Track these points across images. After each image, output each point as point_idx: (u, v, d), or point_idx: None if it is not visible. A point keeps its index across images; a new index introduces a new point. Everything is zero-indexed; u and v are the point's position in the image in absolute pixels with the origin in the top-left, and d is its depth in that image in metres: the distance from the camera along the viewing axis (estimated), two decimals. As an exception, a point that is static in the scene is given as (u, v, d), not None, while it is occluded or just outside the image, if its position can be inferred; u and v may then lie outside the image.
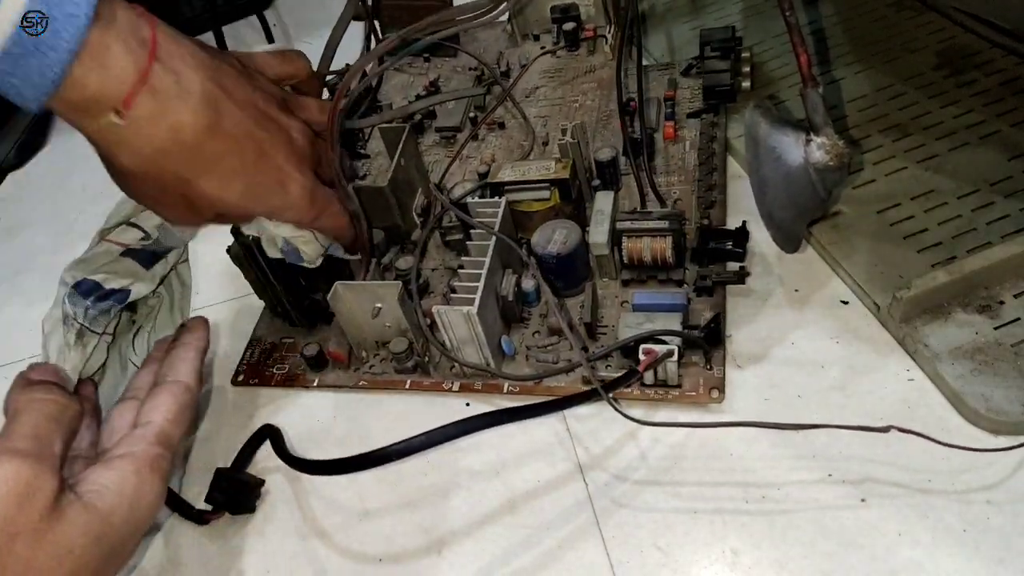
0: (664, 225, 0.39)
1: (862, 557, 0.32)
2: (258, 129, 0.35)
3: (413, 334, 0.41)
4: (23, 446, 0.30)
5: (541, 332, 0.41)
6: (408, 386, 0.42)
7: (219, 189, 0.35)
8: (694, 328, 0.38)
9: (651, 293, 0.40)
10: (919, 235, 0.41)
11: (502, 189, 0.44)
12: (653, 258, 0.40)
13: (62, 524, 0.29)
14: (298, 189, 0.37)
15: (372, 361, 0.43)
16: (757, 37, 0.56)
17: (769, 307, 0.41)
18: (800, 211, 0.38)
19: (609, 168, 0.45)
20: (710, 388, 0.37)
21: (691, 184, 0.46)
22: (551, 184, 0.43)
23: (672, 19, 0.60)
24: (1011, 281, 0.38)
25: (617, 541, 0.34)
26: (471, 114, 0.55)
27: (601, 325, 0.41)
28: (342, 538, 0.37)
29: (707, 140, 0.48)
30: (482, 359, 0.39)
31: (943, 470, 0.33)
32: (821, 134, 0.35)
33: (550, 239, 0.41)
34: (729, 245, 0.40)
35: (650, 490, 0.35)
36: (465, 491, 0.37)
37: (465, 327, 0.37)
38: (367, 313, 0.40)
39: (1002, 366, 0.35)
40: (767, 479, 0.34)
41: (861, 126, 0.47)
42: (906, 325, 0.37)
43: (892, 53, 0.51)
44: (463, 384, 0.41)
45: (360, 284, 0.40)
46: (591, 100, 0.54)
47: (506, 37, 0.61)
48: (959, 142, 0.45)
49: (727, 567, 0.32)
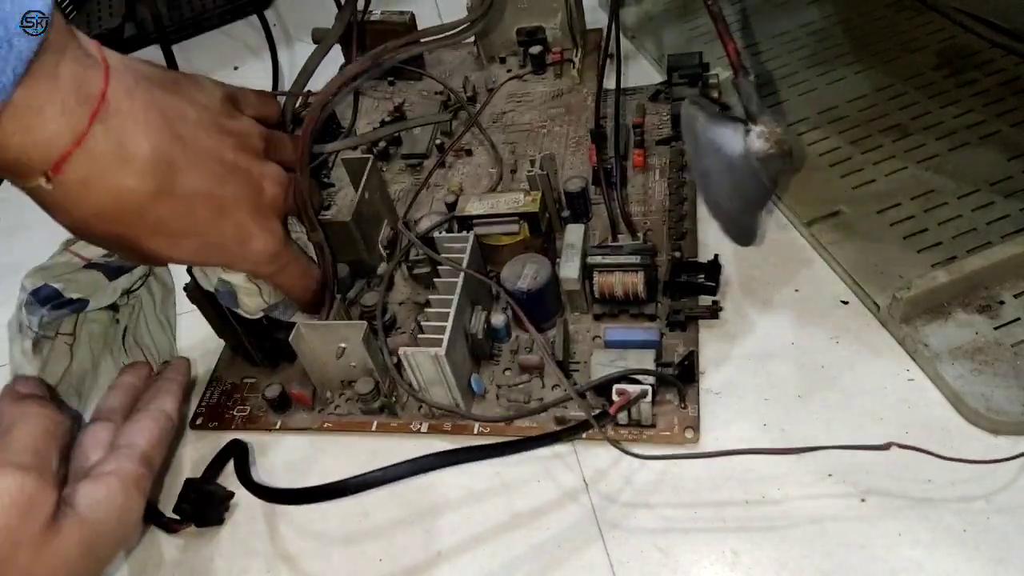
0: (635, 260, 0.38)
1: (862, 557, 0.32)
2: (219, 186, 0.33)
3: (379, 374, 0.40)
4: (25, 460, 0.31)
5: (512, 369, 0.40)
6: (375, 428, 0.40)
7: (168, 248, 0.33)
8: (667, 365, 0.37)
9: (623, 329, 0.39)
10: (919, 235, 0.41)
11: (470, 223, 0.42)
12: (625, 293, 0.39)
13: (59, 536, 0.30)
14: (260, 246, 0.35)
15: (337, 401, 0.41)
16: (752, 38, 0.56)
17: (767, 308, 0.41)
18: (747, 202, 0.38)
19: (579, 199, 0.45)
20: (685, 427, 0.36)
21: (662, 214, 0.45)
22: (520, 218, 0.42)
23: (666, 21, 0.60)
24: (1011, 281, 0.38)
25: (617, 541, 0.34)
26: (438, 140, 0.54)
27: (573, 361, 0.40)
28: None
29: (676, 169, 0.47)
30: (451, 400, 0.38)
31: (943, 470, 0.33)
32: (759, 122, 0.35)
33: (520, 274, 0.39)
34: (701, 278, 0.40)
35: (650, 490, 0.35)
36: (456, 509, 0.37)
37: (433, 369, 0.36)
38: (331, 353, 0.39)
39: (1002, 366, 0.35)
40: (767, 479, 0.34)
41: (861, 126, 0.47)
42: (906, 325, 0.37)
43: (892, 53, 0.51)
44: (432, 425, 0.39)
45: (324, 324, 0.39)
46: (559, 126, 0.53)
47: (472, 60, 0.60)
48: (959, 142, 0.45)
49: (727, 567, 0.32)
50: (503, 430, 0.39)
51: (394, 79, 0.61)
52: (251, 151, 0.35)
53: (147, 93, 0.31)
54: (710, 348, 0.40)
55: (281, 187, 0.37)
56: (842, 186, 0.44)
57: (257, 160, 0.36)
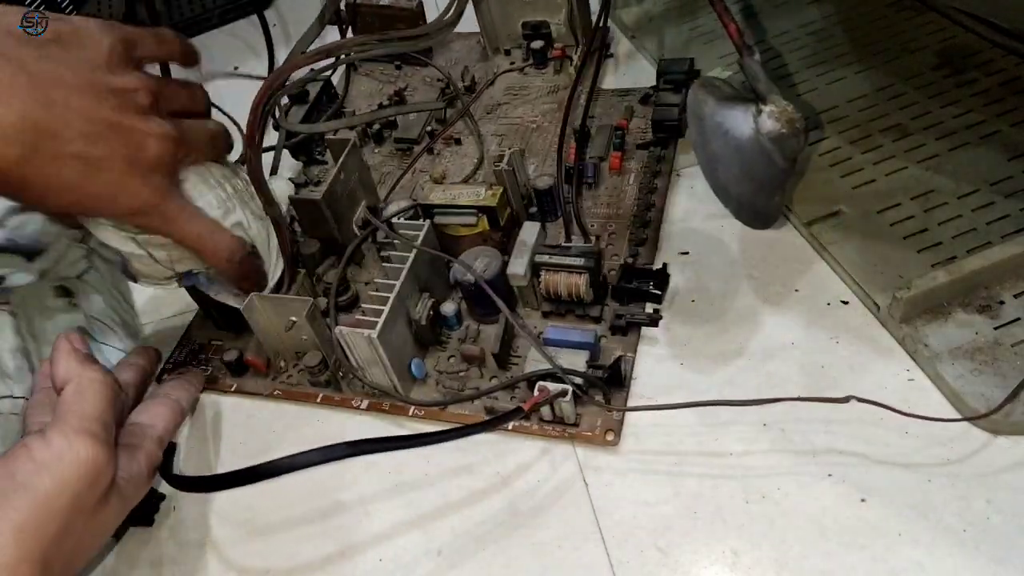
0: (580, 262, 0.39)
1: (862, 557, 0.32)
2: (90, 146, 0.33)
3: (325, 350, 0.41)
4: (97, 430, 0.32)
5: (456, 358, 0.41)
6: (320, 400, 0.42)
7: (42, 200, 0.34)
8: (600, 367, 0.38)
9: (563, 328, 0.39)
10: (919, 235, 0.41)
11: (432, 211, 0.44)
12: (568, 293, 0.40)
13: (107, 509, 0.32)
14: (130, 201, 0.35)
15: (290, 371, 0.43)
16: (753, 38, 0.56)
17: (767, 308, 0.41)
18: (759, 184, 0.37)
19: (546, 197, 0.45)
20: (606, 429, 0.37)
21: (628, 219, 0.46)
22: (479, 211, 0.43)
23: (666, 22, 0.60)
24: (1011, 281, 0.38)
25: (617, 541, 0.34)
26: (430, 128, 0.55)
27: (515, 355, 0.41)
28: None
29: (649, 175, 0.47)
30: (388, 381, 0.39)
31: (944, 469, 0.33)
32: (768, 102, 0.35)
33: (471, 265, 0.40)
34: (650, 285, 0.40)
35: (650, 490, 0.35)
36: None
37: (368, 350, 0.37)
38: (281, 325, 0.41)
39: (1002, 366, 0.35)
40: (767, 479, 0.34)
41: (861, 126, 0.47)
42: (906, 325, 0.37)
43: (892, 53, 0.51)
44: (371, 403, 0.41)
45: (275, 297, 0.40)
46: (548, 122, 0.53)
47: (480, 49, 0.60)
48: (959, 142, 0.45)
49: (727, 567, 0.32)
50: (437, 415, 0.40)
51: (401, 63, 0.61)
52: (133, 108, 0.35)
53: (15, 61, 0.31)
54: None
55: (168, 141, 0.35)
56: (842, 186, 0.44)
57: (140, 117, 0.35)
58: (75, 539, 0.31)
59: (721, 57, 0.54)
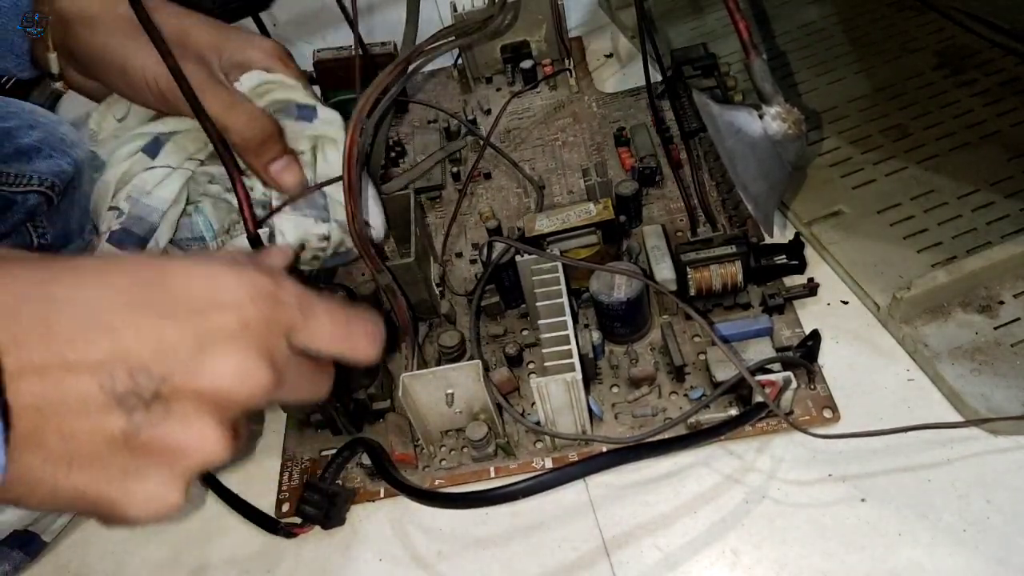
0: (731, 250, 0.38)
1: (862, 557, 0.32)
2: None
3: (494, 414, 0.36)
4: None
5: (620, 386, 0.39)
6: (494, 474, 0.37)
7: None
8: (786, 350, 0.36)
9: (732, 323, 0.37)
10: (919, 235, 0.41)
11: (543, 242, 0.40)
12: (723, 285, 0.38)
13: None
14: None
15: (440, 454, 0.38)
16: (756, 40, 0.56)
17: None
18: (771, 184, 0.37)
19: (633, 202, 0.44)
20: (822, 407, 0.36)
21: (713, 204, 0.45)
22: (596, 227, 0.40)
23: (667, 22, 0.60)
24: (1011, 281, 0.38)
25: (617, 541, 0.34)
26: (453, 169, 0.52)
27: (685, 364, 0.38)
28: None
29: (715, 158, 0.46)
30: (578, 427, 0.36)
31: (944, 470, 0.33)
32: (773, 103, 0.35)
33: (612, 285, 0.37)
34: (783, 259, 0.39)
35: (650, 490, 0.35)
36: None
37: (566, 396, 0.34)
38: (440, 402, 0.36)
39: (1002, 366, 0.35)
40: (767, 479, 0.34)
41: (861, 126, 0.47)
42: (906, 325, 0.37)
43: (892, 53, 0.51)
44: (556, 459, 0.37)
45: (430, 372, 0.35)
46: (572, 136, 0.53)
47: (453, 83, 0.58)
48: (959, 142, 0.45)
49: (727, 567, 0.32)
50: None
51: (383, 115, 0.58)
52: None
53: None
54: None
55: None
56: (842, 186, 0.44)
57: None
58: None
59: (721, 57, 0.54)
